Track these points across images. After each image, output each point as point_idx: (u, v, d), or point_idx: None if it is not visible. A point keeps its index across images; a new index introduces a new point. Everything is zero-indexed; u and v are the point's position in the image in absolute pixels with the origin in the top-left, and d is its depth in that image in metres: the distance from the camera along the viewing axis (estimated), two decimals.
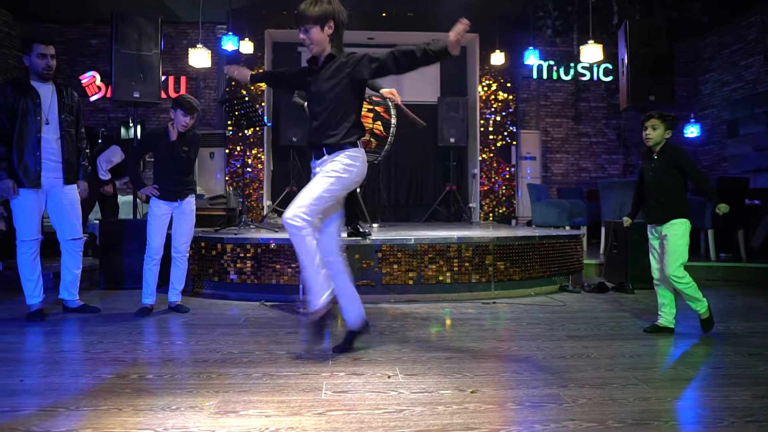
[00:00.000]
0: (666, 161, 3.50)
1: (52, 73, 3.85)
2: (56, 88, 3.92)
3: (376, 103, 4.44)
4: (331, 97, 2.81)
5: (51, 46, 3.82)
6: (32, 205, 3.80)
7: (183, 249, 4.16)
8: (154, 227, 4.05)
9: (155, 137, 4.12)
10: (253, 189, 9.53)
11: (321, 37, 2.77)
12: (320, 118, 2.83)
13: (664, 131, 3.50)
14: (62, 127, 3.88)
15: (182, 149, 4.03)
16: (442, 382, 2.50)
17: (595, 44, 7.13)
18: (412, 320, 3.89)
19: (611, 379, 2.56)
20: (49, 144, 3.83)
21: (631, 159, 10.77)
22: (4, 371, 2.64)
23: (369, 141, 4.43)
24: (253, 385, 2.47)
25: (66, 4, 9.32)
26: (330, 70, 2.82)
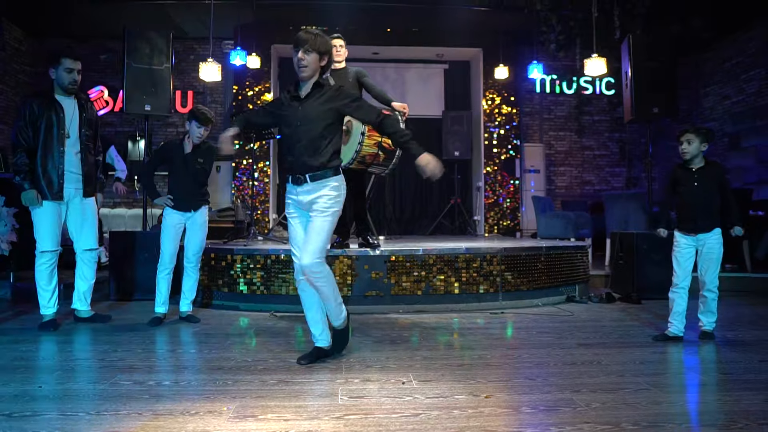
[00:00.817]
0: (711, 175, 3.62)
1: (76, 88, 3.95)
2: (78, 103, 4.00)
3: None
4: (320, 121, 2.89)
5: (78, 62, 3.93)
6: (53, 216, 3.87)
7: (194, 259, 4.21)
8: (167, 237, 4.11)
9: (171, 149, 4.18)
10: (259, 202, 9.58)
11: (316, 66, 2.90)
12: (306, 141, 2.87)
13: (699, 144, 3.61)
14: (82, 140, 3.97)
15: (197, 161, 4.09)
16: (456, 388, 2.53)
17: (598, 57, 7.21)
18: (421, 329, 3.92)
19: (623, 384, 2.59)
20: (71, 157, 3.91)
21: (634, 172, 10.82)
22: (22, 378, 2.68)
23: (377, 154, 4.48)
24: (270, 391, 2.50)
25: (75, 21, 9.46)
26: (320, 97, 2.92)
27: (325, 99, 2.91)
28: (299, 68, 2.87)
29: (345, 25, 8.59)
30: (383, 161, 4.55)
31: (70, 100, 3.96)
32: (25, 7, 8.91)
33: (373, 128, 3.09)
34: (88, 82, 9.90)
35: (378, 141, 4.41)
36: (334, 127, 2.95)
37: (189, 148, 4.09)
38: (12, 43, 9.61)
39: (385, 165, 4.61)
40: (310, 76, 2.91)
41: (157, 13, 9.03)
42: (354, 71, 4.81)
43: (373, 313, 4.51)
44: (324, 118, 2.90)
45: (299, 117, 2.90)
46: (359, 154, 4.35)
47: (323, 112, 2.90)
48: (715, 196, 3.61)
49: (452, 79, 10.90)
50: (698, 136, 3.60)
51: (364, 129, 4.29)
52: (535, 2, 8.19)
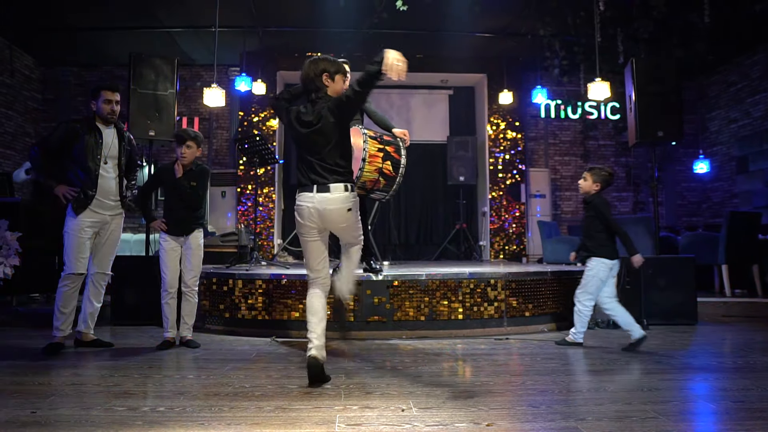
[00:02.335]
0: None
1: (114, 118, 4.09)
2: (117, 132, 4.12)
3: (387, 143, 4.48)
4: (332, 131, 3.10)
5: (117, 93, 4.09)
6: (85, 239, 3.93)
7: (192, 283, 4.17)
8: (165, 261, 4.10)
9: (162, 173, 4.23)
10: (264, 227, 9.58)
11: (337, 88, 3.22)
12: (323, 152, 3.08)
13: (592, 182, 4.21)
14: (119, 168, 4.09)
15: (189, 184, 4.10)
16: (457, 416, 2.46)
17: (602, 81, 7.22)
18: (424, 356, 3.85)
19: (630, 412, 2.51)
20: (107, 182, 4.01)
21: (641, 196, 10.77)
22: (15, 403, 2.63)
23: (377, 180, 4.45)
24: (266, 417, 2.44)
25: (85, 49, 9.62)
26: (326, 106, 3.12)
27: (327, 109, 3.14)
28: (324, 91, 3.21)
29: (350, 51, 8.65)
30: (383, 187, 4.52)
31: (110, 129, 4.11)
32: (35, 35, 9.07)
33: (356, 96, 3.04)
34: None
35: (379, 167, 4.39)
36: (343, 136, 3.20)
37: (179, 172, 4.11)
38: (22, 70, 9.76)
39: (385, 191, 4.58)
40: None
41: (165, 41, 9.19)
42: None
43: (375, 339, 4.44)
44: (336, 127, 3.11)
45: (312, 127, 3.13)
46: (360, 180, 4.33)
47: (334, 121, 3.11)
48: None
49: (457, 105, 10.96)
50: (592, 174, 4.21)
51: (365, 155, 4.28)
52: (538, 28, 8.25)
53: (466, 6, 7.65)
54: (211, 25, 7.74)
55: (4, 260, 5.32)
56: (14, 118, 9.46)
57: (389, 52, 2.90)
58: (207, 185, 4.28)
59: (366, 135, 4.34)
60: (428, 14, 7.80)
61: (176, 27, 8.87)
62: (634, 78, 5.60)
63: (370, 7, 7.55)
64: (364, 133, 4.35)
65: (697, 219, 10.76)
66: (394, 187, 4.55)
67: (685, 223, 10.64)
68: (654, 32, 7.90)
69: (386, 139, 4.50)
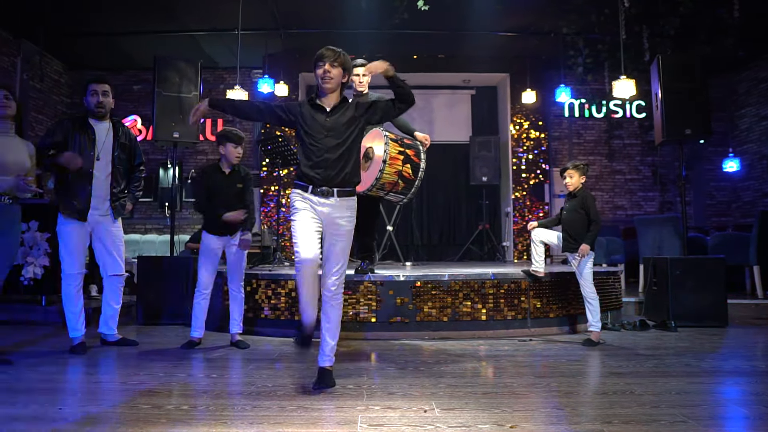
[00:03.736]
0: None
1: (104, 111, 4.01)
2: (113, 127, 4.08)
3: (408, 146, 4.47)
4: (348, 134, 2.96)
5: (102, 84, 4.01)
6: (77, 238, 3.91)
7: (237, 280, 4.21)
8: (203, 261, 4.12)
9: (209, 173, 4.18)
10: (287, 228, 9.62)
11: (339, 80, 2.98)
12: (335, 154, 2.91)
13: (579, 178, 4.43)
14: (114, 164, 4.02)
15: (236, 185, 4.13)
16: (480, 417, 2.44)
17: (627, 79, 7.10)
18: (446, 356, 3.82)
19: (657, 415, 2.45)
20: (99, 181, 3.95)
21: (668, 196, 10.57)
22: (44, 400, 2.67)
23: (396, 183, 4.44)
24: (288, 417, 2.44)
25: (112, 53, 9.78)
26: (346, 112, 2.99)
27: (350, 114, 2.99)
28: (324, 80, 2.92)
29: (372, 52, 8.66)
30: (402, 190, 4.51)
31: (104, 124, 4.04)
32: (64, 41, 9.26)
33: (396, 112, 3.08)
34: (122, 111, 10.18)
35: (399, 170, 4.38)
36: (357, 141, 3.03)
37: (227, 171, 4.13)
38: (52, 75, 9.97)
39: (403, 194, 4.57)
40: (333, 89, 2.96)
41: (190, 44, 9.30)
42: (376, 98, 4.81)
43: (397, 340, 4.42)
44: (351, 132, 2.97)
45: (327, 128, 2.93)
46: (379, 181, 4.33)
47: (350, 126, 2.97)
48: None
49: (479, 105, 10.89)
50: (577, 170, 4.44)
51: (385, 157, 4.28)
52: (561, 26, 8.15)
53: (488, 5, 7.60)
54: (234, 28, 7.82)
55: (34, 260, 5.43)
56: (44, 122, 9.66)
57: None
58: (252, 191, 4.31)
59: (387, 137, 4.33)
60: (450, 14, 7.76)
61: (200, 30, 8.97)
62: (660, 75, 5.49)
63: (391, 7, 7.54)
64: (385, 135, 4.35)
65: (726, 219, 10.53)
66: (412, 191, 4.54)
67: (714, 223, 10.42)
68: (680, 28, 7.75)
69: (407, 142, 4.49)
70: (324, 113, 2.96)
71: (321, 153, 2.90)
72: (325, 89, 2.95)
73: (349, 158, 2.95)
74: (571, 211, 4.43)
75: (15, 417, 2.40)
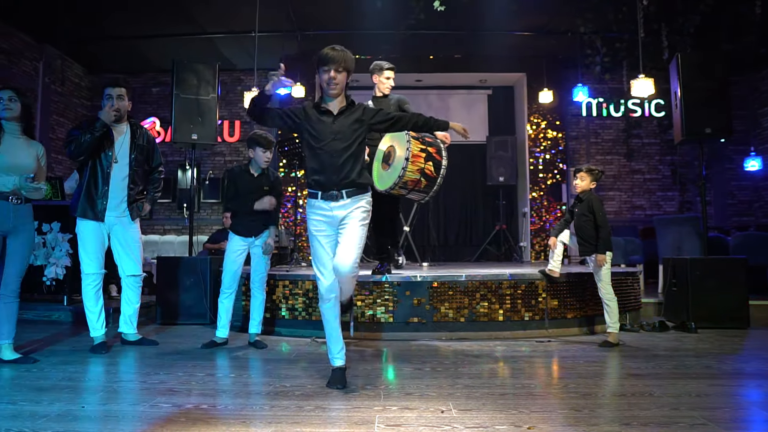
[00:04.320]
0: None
1: (119, 114, 4.06)
2: (130, 129, 4.14)
3: (429, 144, 4.47)
4: (355, 137, 2.96)
5: (117, 88, 4.07)
6: (96, 238, 3.98)
7: (259, 280, 4.25)
8: (228, 261, 4.17)
9: (237, 174, 4.23)
10: (303, 228, 9.67)
11: (344, 83, 2.98)
12: (342, 157, 2.91)
13: (590, 182, 4.39)
14: (131, 166, 4.08)
15: (263, 188, 4.17)
16: (497, 418, 2.43)
17: (645, 78, 7.03)
18: (463, 357, 3.82)
19: (677, 418, 2.43)
20: (117, 182, 4.02)
21: (687, 195, 10.44)
22: (68, 398, 2.72)
23: (419, 180, 4.44)
24: (306, 417, 2.46)
25: (131, 57, 9.91)
26: (353, 114, 2.99)
27: (357, 115, 2.99)
28: (330, 86, 2.92)
29: (388, 53, 8.69)
30: (424, 188, 4.51)
31: (121, 126, 4.10)
32: (84, 45, 9.40)
33: (408, 126, 3.17)
34: (141, 113, 10.31)
35: (421, 167, 4.38)
36: (364, 143, 3.05)
37: (255, 174, 4.17)
38: (73, 78, 10.13)
39: (425, 192, 4.58)
40: (339, 94, 2.97)
41: (207, 47, 9.39)
42: (396, 99, 4.83)
43: (414, 340, 4.43)
44: (357, 135, 2.97)
45: (334, 131, 2.93)
46: (402, 179, 4.33)
47: (356, 129, 2.97)
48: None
49: (496, 105, 10.85)
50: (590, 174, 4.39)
51: (408, 155, 4.29)
52: (578, 25, 8.08)
53: (504, 5, 7.56)
54: (251, 31, 7.88)
55: (56, 261, 5.53)
56: (65, 125, 9.82)
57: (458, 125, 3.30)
58: (281, 194, 4.35)
59: (408, 135, 4.34)
60: (466, 14, 7.74)
61: (218, 33, 9.05)
62: (680, 73, 5.43)
63: (407, 8, 7.54)
64: (406, 133, 4.35)
65: (748, 219, 10.36)
66: (434, 188, 4.54)
67: (735, 223, 10.26)
68: (701, 26, 7.65)
69: (428, 140, 4.50)
70: (330, 117, 2.96)
71: (329, 157, 2.91)
72: (331, 95, 2.96)
73: (356, 160, 2.95)
74: (580, 215, 4.42)
75: (41, 415, 2.45)
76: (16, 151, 3.47)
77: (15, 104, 3.51)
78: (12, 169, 3.42)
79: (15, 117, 3.53)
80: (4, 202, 3.39)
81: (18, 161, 3.46)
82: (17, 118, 3.55)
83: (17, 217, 3.45)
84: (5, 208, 3.40)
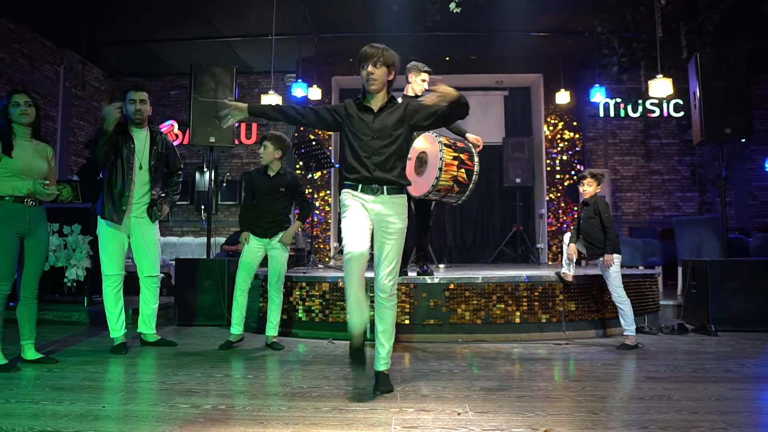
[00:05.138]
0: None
1: (141, 118, 4.14)
2: (150, 135, 4.20)
3: (461, 150, 4.49)
4: (395, 135, 2.90)
5: (140, 92, 4.14)
6: (116, 241, 4.04)
7: (276, 282, 4.27)
8: (243, 260, 4.22)
9: (253, 176, 4.29)
10: (320, 231, 9.72)
11: (384, 79, 2.90)
12: (383, 156, 2.86)
13: (596, 187, 4.42)
14: (152, 171, 4.16)
15: (279, 189, 4.20)
16: (513, 420, 2.43)
17: (663, 78, 6.96)
18: (480, 359, 3.81)
19: (696, 422, 2.40)
20: (138, 187, 4.10)
21: (707, 196, 10.31)
22: (89, 398, 2.77)
23: (452, 187, 4.49)
24: (323, 418, 2.47)
25: (149, 60, 10.05)
26: (394, 112, 2.92)
27: (398, 114, 2.92)
28: (369, 82, 2.86)
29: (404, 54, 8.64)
30: (456, 194, 4.57)
31: (143, 132, 4.17)
32: (104, 50, 9.55)
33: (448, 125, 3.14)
34: (159, 116, 10.45)
35: (454, 175, 4.42)
36: (406, 142, 2.97)
37: (271, 174, 4.22)
38: (93, 83, 10.29)
39: (457, 197, 4.63)
40: (378, 90, 2.90)
41: (225, 50, 9.48)
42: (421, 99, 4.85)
43: (430, 342, 4.43)
44: (399, 134, 2.91)
45: (374, 129, 2.88)
46: (435, 187, 4.39)
47: (397, 127, 2.90)
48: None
49: (512, 106, 10.82)
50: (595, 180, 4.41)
51: (441, 164, 4.32)
52: (595, 25, 8.03)
53: (520, 6, 7.54)
54: (268, 34, 7.95)
55: (77, 263, 5.61)
56: (85, 128, 9.98)
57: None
58: (300, 194, 4.37)
59: (441, 144, 4.36)
60: (482, 15, 7.73)
61: (235, 36, 9.14)
62: (699, 73, 5.37)
63: (423, 10, 7.55)
64: (439, 142, 4.37)
65: None
66: (467, 193, 4.59)
67: (756, 224, 10.10)
68: (721, 24, 7.54)
69: (460, 146, 4.53)
70: (371, 114, 2.91)
71: (368, 155, 2.86)
72: (370, 91, 2.90)
73: (396, 159, 2.90)
74: (586, 219, 4.41)
75: (63, 414, 2.49)
76: (29, 155, 3.52)
77: (32, 109, 3.56)
78: (26, 173, 3.48)
79: (31, 122, 3.58)
80: (20, 205, 3.46)
81: (32, 165, 3.51)
82: (31, 123, 3.60)
83: (32, 219, 3.52)
84: (21, 210, 3.46)
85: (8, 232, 3.41)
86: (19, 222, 3.45)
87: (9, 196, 3.42)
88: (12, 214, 3.42)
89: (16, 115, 3.50)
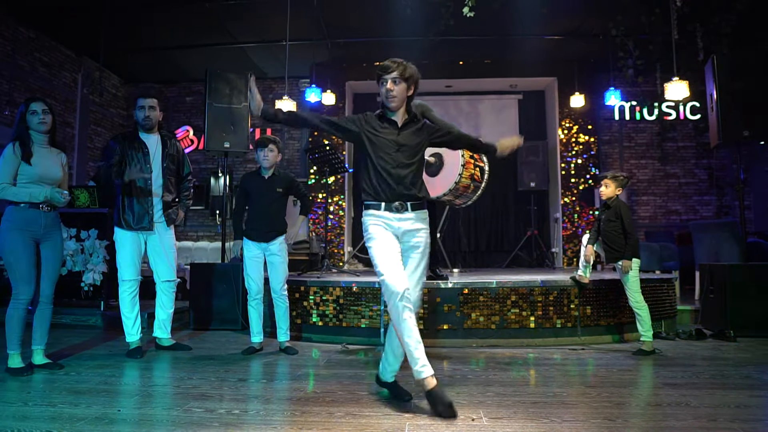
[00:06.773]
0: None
1: (151, 123, 4.19)
2: (161, 139, 4.24)
3: None
4: (417, 152, 2.91)
5: (149, 99, 4.20)
6: (134, 247, 4.09)
7: (278, 289, 4.25)
8: (248, 268, 4.22)
9: (248, 179, 4.31)
10: (334, 235, 9.73)
11: (404, 95, 2.87)
12: (407, 169, 2.84)
13: (615, 189, 4.31)
14: (164, 175, 4.20)
15: (276, 190, 4.20)
16: (528, 427, 2.41)
17: (679, 81, 6.89)
18: (494, 364, 3.79)
19: (715, 429, 2.37)
20: (152, 191, 4.14)
21: (725, 200, 10.17)
22: (104, 401, 2.79)
23: (469, 186, 4.52)
24: (336, 423, 2.47)
25: (165, 67, 10.15)
26: (415, 128, 2.92)
27: (422, 135, 2.93)
28: (388, 99, 2.83)
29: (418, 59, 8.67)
30: (470, 193, 4.57)
31: (153, 137, 4.22)
32: (121, 57, 9.67)
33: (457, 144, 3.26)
34: (175, 122, 10.54)
35: (472, 173, 4.45)
36: (423, 158, 3.01)
37: (266, 176, 4.22)
38: (110, 89, 10.42)
39: (470, 197, 4.64)
40: (398, 107, 2.88)
41: (239, 56, 9.55)
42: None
43: (445, 347, 4.41)
44: (420, 149, 2.92)
45: (398, 144, 2.85)
46: (457, 185, 4.40)
47: (419, 142, 2.91)
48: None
49: (526, 109, 10.77)
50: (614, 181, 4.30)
51: (463, 161, 4.33)
52: (610, 28, 7.97)
53: (534, 9, 7.51)
54: (282, 39, 8.00)
55: (94, 267, 5.67)
56: (102, 134, 10.10)
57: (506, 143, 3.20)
58: (302, 194, 4.40)
59: None
60: (495, 19, 7.71)
61: (249, 42, 9.20)
62: (716, 75, 5.31)
63: (436, 14, 7.55)
64: None
65: None
66: (478, 193, 4.61)
67: None
68: (738, 25, 7.45)
69: None
70: (395, 128, 2.88)
71: (392, 168, 2.81)
72: (390, 108, 2.86)
73: (418, 174, 2.90)
74: (607, 221, 4.36)
75: (79, 417, 2.52)
76: (46, 162, 3.57)
77: (49, 116, 3.60)
78: (43, 180, 3.53)
79: (49, 129, 3.62)
80: (36, 211, 3.51)
81: (49, 172, 3.57)
82: (49, 130, 3.64)
83: (47, 225, 3.56)
84: (38, 216, 3.51)
85: (26, 238, 3.46)
86: (35, 228, 3.50)
87: (25, 202, 3.47)
88: (28, 220, 3.47)
89: (35, 124, 3.55)
